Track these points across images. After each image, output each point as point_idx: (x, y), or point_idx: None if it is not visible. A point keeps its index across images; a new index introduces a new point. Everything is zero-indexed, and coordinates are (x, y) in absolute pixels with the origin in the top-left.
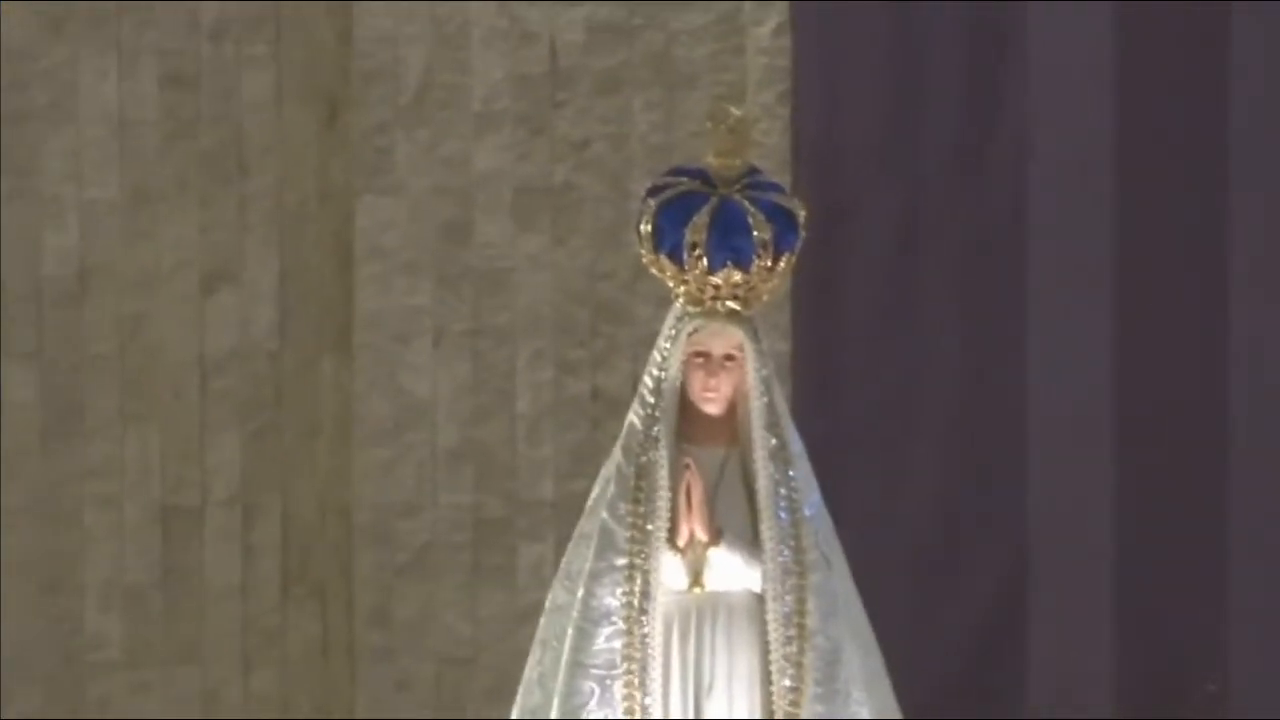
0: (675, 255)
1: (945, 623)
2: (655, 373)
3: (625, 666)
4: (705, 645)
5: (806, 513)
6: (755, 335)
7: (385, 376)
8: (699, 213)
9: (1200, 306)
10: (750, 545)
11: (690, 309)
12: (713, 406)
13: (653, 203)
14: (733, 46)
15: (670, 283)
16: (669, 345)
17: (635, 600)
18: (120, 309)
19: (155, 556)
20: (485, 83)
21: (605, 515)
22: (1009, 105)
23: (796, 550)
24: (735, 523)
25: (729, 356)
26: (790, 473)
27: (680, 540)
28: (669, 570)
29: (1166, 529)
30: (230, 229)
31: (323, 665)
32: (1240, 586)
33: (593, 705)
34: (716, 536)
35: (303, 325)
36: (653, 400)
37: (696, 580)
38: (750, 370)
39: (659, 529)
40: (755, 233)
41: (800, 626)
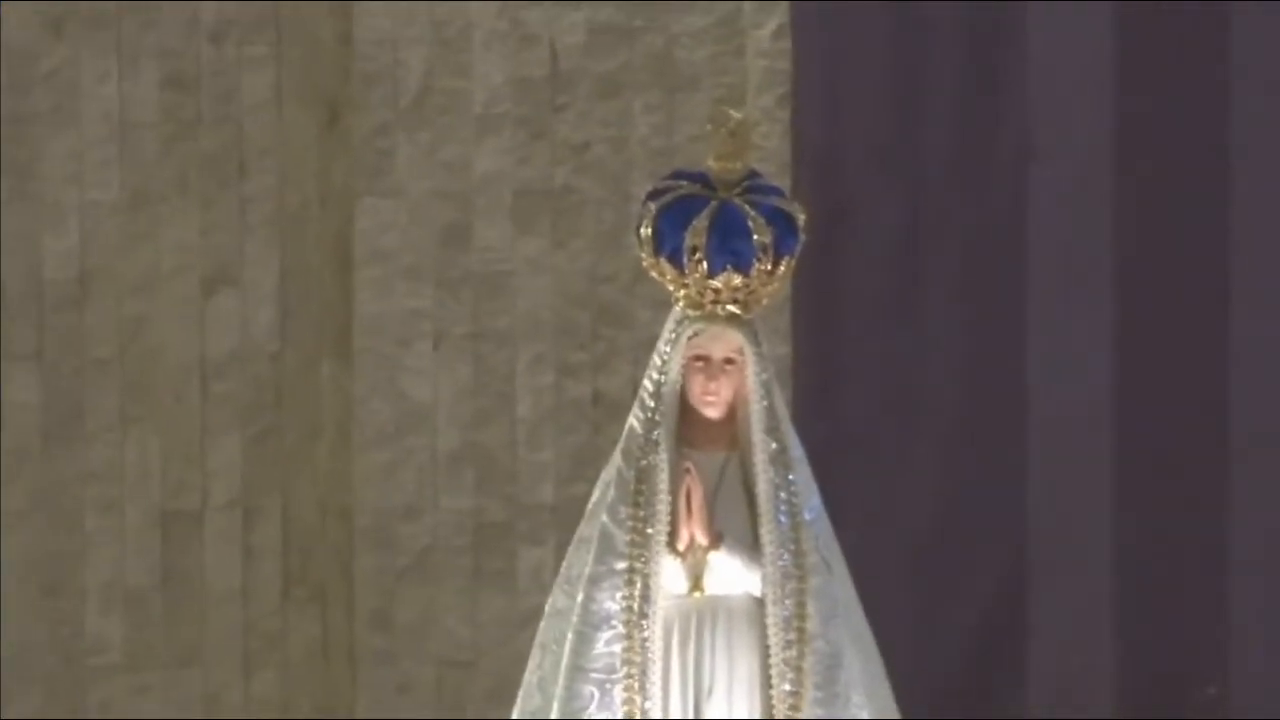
0: (675, 259)
1: (945, 625)
2: (655, 376)
3: (625, 670)
4: (705, 649)
5: (806, 516)
6: (755, 339)
7: (385, 380)
8: (699, 216)
9: (1201, 307)
10: (750, 549)
11: (690, 312)
12: (713, 410)
13: (653, 206)
14: (733, 49)
15: (670, 286)
16: (669, 349)
17: (635, 604)
18: (121, 311)
19: (156, 559)
20: (486, 85)
21: (605, 519)
22: (1009, 107)
23: (796, 554)
24: (735, 527)
25: (729, 360)
26: (790, 476)
27: (680, 544)
28: (669, 574)
29: (1166, 530)
30: (230, 231)
31: (323, 668)
32: (1241, 587)
33: (592, 709)
34: (716, 540)
35: (303, 328)
36: (653, 404)
37: (696, 584)
38: (750, 374)
39: (659, 533)
40: (755, 236)
41: (800, 630)
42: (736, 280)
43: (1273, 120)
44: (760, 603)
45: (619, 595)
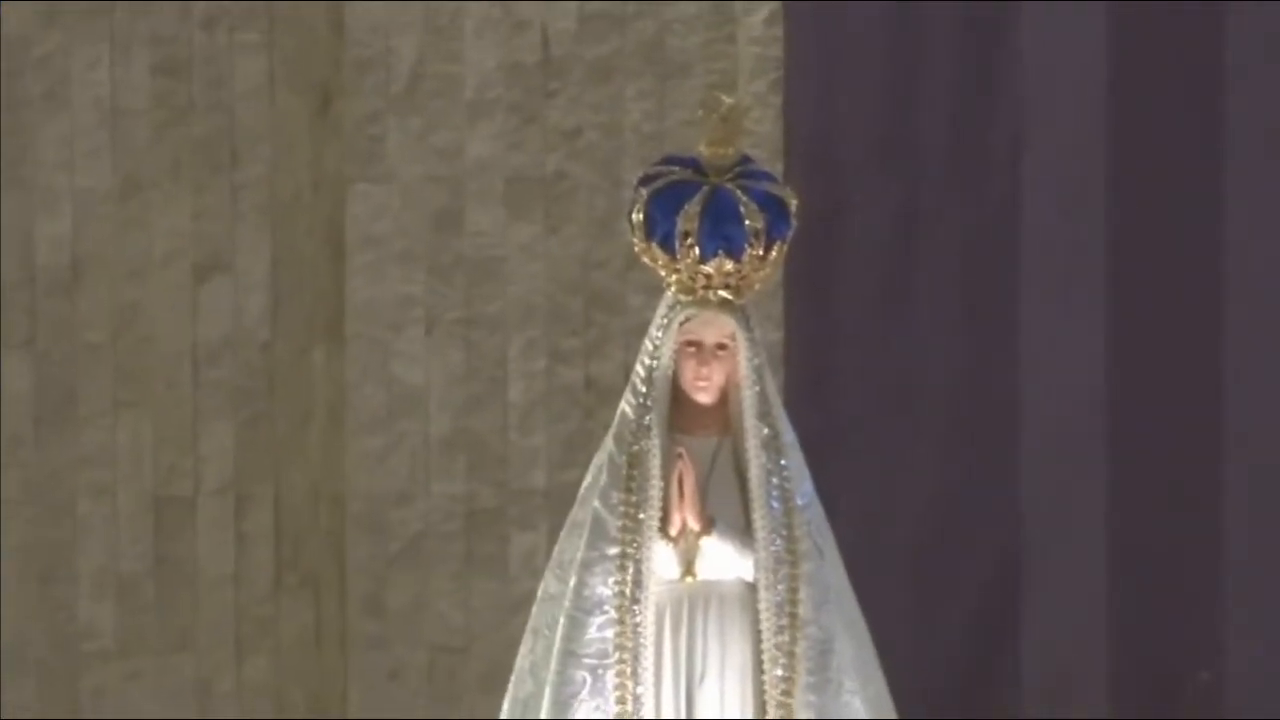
0: (667, 244)
1: (939, 613)
2: (647, 361)
3: (617, 656)
4: (697, 635)
5: (799, 502)
6: (747, 324)
7: (377, 365)
8: (691, 201)
9: (1194, 302)
10: (742, 534)
11: (682, 298)
12: (705, 395)
13: (644, 191)
14: (725, 35)
15: (662, 272)
16: (661, 334)
17: (627, 589)
18: (113, 298)
19: (148, 545)
20: (477, 71)
21: (597, 504)
22: (1003, 97)
23: (789, 539)
24: (727, 512)
25: (721, 345)
26: (782, 462)
27: (672, 529)
28: (661, 559)
29: (1160, 522)
30: (222, 218)
31: (315, 654)
32: (1234, 582)
33: (584, 694)
34: (709, 526)
35: (295, 314)
36: (645, 389)
37: (689, 569)
38: (742, 359)
39: (651, 518)
40: (747, 222)
41: (793, 616)
42: (728, 266)
43: (1266, 116)
44: (752, 588)
45: (611, 580)
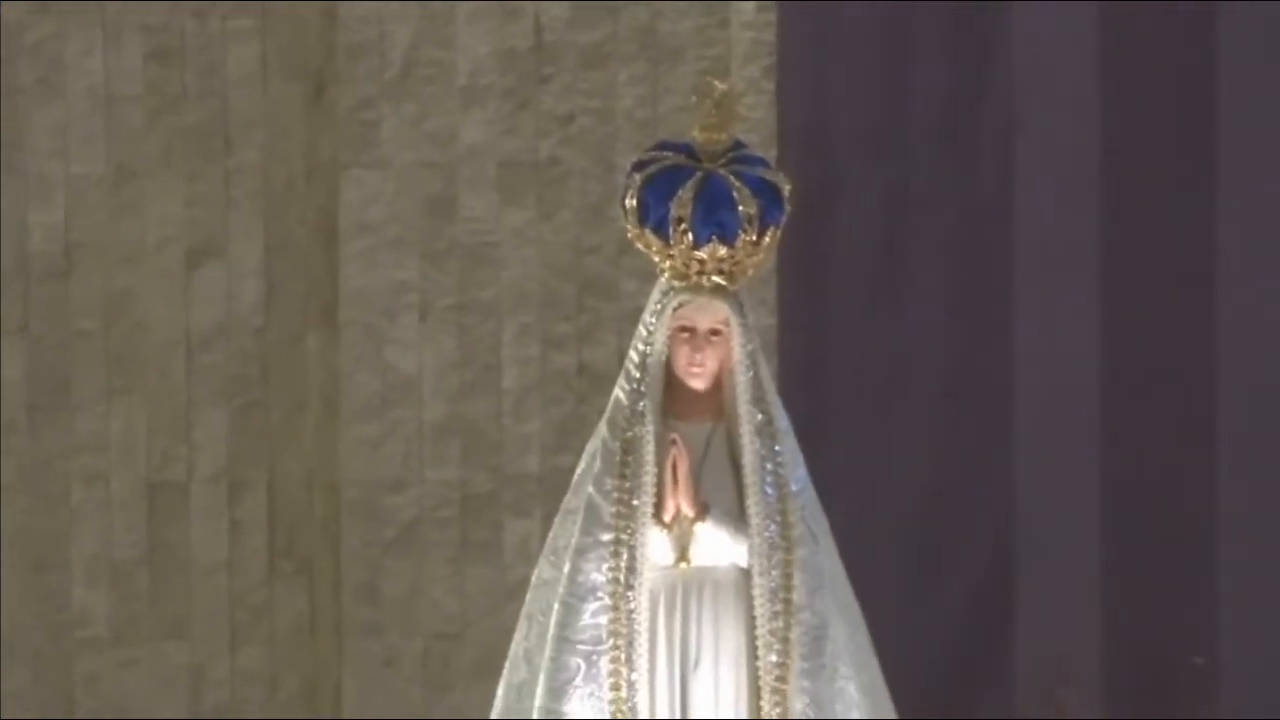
0: (660, 230)
1: (933, 599)
2: (641, 347)
3: (611, 642)
4: (692, 620)
5: (793, 488)
6: (741, 310)
7: (371, 352)
8: (684, 187)
9: (1187, 282)
10: (736, 520)
11: (675, 284)
12: (698, 381)
13: (638, 177)
14: (718, 20)
15: (655, 257)
16: (654, 320)
17: (621, 575)
18: (106, 285)
19: (142, 532)
20: (470, 57)
21: (591, 490)
22: (996, 80)
23: (783, 525)
24: (721, 498)
25: (714, 331)
26: (776, 448)
27: (666, 515)
28: (655, 545)
29: (1154, 508)
30: (216, 204)
31: (310, 641)
32: (1228, 564)
33: (579, 680)
34: (703, 511)
35: (288, 301)
36: (638, 375)
37: (683, 555)
38: (736, 345)
39: (645, 504)
40: (740, 207)
41: (787, 601)
42: (722, 251)
43: (1259, 96)
44: (747, 574)
45: (605, 567)
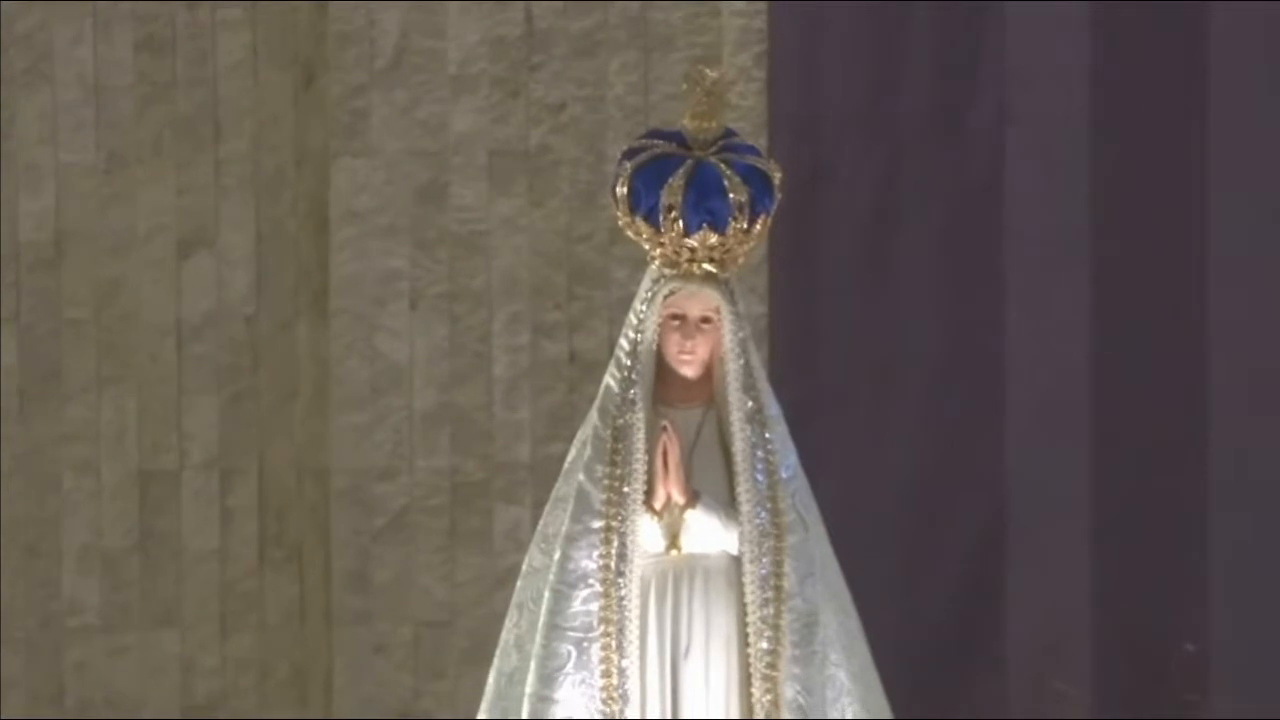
0: (651, 218)
1: (924, 584)
2: (631, 335)
3: (602, 629)
4: (682, 608)
5: (783, 475)
6: (732, 297)
7: (362, 340)
8: (675, 175)
9: (1178, 268)
10: (727, 507)
11: (666, 271)
12: (689, 369)
13: (628, 165)
14: (709, 9)
15: (646, 245)
16: (645, 308)
17: (612, 563)
18: (97, 273)
19: (133, 520)
20: (461, 46)
21: (582, 478)
22: (987, 68)
23: (773, 512)
24: (712, 485)
25: (705, 319)
26: (767, 435)
27: (657, 503)
28: (646, 533)
29: (1145, 492)
30: (206, 193)
31: (300, 629)
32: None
33: (570, 667)
34: (693, 499)
35: (279, 289)
36: (629, 363)
37: (673, 543)
38: (727, 332)
39: (635, 491)
40: (731, 195)
41: (777, 589)
42: (712, 239)
43: (1250, 84)
44: (737, 561)
45: (596, 554)
